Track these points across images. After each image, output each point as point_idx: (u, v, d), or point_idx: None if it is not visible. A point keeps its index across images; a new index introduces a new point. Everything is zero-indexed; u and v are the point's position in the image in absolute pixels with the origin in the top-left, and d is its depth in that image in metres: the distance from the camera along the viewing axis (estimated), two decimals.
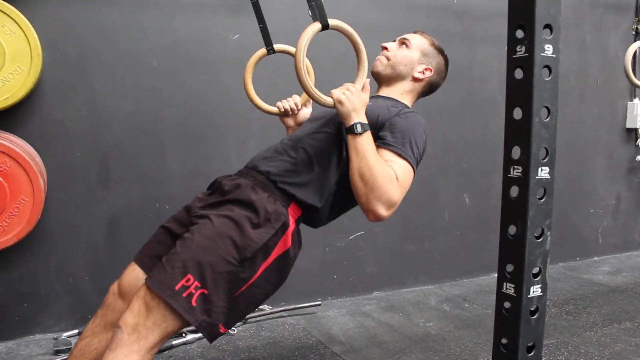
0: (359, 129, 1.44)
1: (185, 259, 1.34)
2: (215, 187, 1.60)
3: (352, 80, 1.55)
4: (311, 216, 1.57)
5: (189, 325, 1.33)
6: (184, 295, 1.30)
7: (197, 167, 2.59)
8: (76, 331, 2.36)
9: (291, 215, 1.48)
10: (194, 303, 1.31)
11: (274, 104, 1.90)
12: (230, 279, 1.35)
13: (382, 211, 1.43)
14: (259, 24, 1.90)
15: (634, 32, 3.60)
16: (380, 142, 1.51)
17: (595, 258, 3.74)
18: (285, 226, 1.44)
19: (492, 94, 3.24)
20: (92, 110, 2.39)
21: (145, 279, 1.35)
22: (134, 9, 2.42)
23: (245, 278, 1.38)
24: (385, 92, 1.74)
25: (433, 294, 2.96)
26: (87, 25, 2.34)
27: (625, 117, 3.75)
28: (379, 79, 1.76)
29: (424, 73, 1.72)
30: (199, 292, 1.32)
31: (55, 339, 2.26)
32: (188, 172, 2.57)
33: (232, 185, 1.52)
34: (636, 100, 3.73)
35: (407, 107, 1.67)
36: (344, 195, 1.57)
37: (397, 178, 1.44)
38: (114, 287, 1.56)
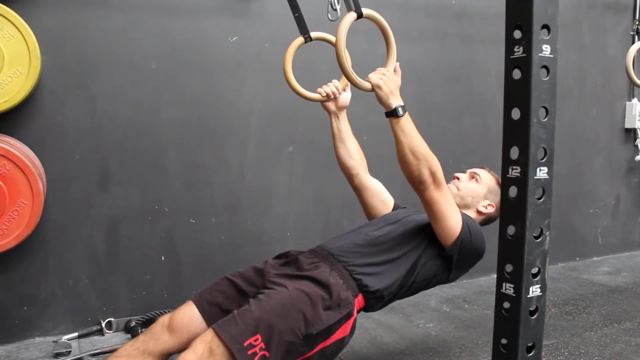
0: (401, 111, 1.59)
1: (258, 319, 1.41)
2: (290, 260, 1.70)
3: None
4: (372, 303, 1.67)
5: None
6: (249, 352, 1.38)
7: (196, 170, 2.59)
8: (76, 334, 2.35)
9: (356, 306, 1.60)
10: None
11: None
12: (289, 349, 1.44)
13: (427, 176, 1.58)
14: (294, 13, 1.91)
15: (633, 33, 3.60)
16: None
17: (595, 258, 3.74)
18: (349, 315, 1.54)
19: (490, 95, 3.24)
20: (91, 113, 2.39)
21: (214, 326, 1.42)
22: (133, 13, 2.41)
23: (302, 352, 1.47)
24: None
25: (433, 295, 2.96)
26: (86, 28, 2.34)
27: (624, 117, 3.75)
28: None
29: (486, 208, 1.88)
30: (262, 353, 1.39)
31: (55, 342, 2.25)
32: (187, 175, 2.57)
33: (310, 264, 1.63)
34: (635, 101, 3.73)
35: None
36: (407, 288, 1.71)
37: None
38: (165, 320, 1.60)
